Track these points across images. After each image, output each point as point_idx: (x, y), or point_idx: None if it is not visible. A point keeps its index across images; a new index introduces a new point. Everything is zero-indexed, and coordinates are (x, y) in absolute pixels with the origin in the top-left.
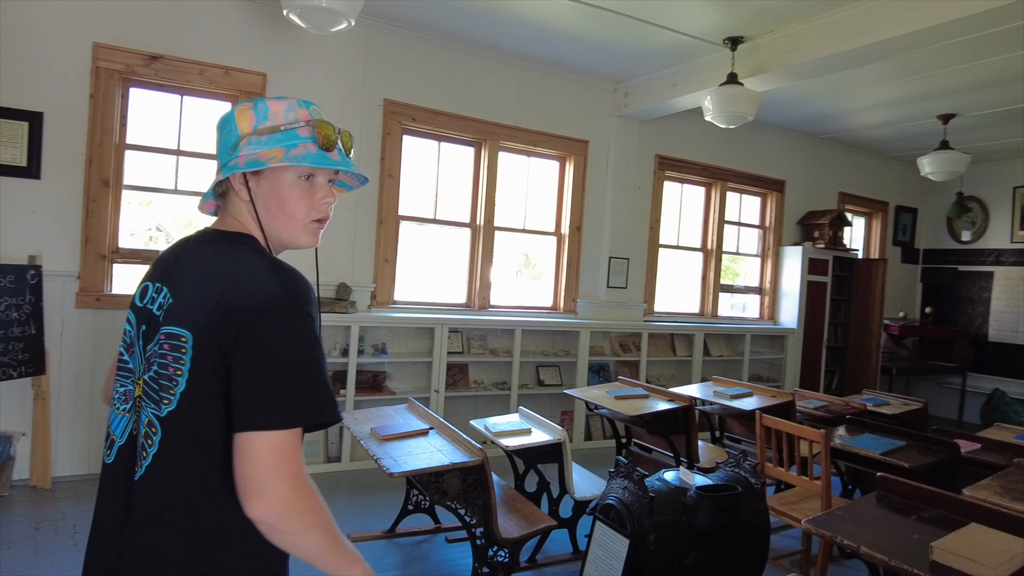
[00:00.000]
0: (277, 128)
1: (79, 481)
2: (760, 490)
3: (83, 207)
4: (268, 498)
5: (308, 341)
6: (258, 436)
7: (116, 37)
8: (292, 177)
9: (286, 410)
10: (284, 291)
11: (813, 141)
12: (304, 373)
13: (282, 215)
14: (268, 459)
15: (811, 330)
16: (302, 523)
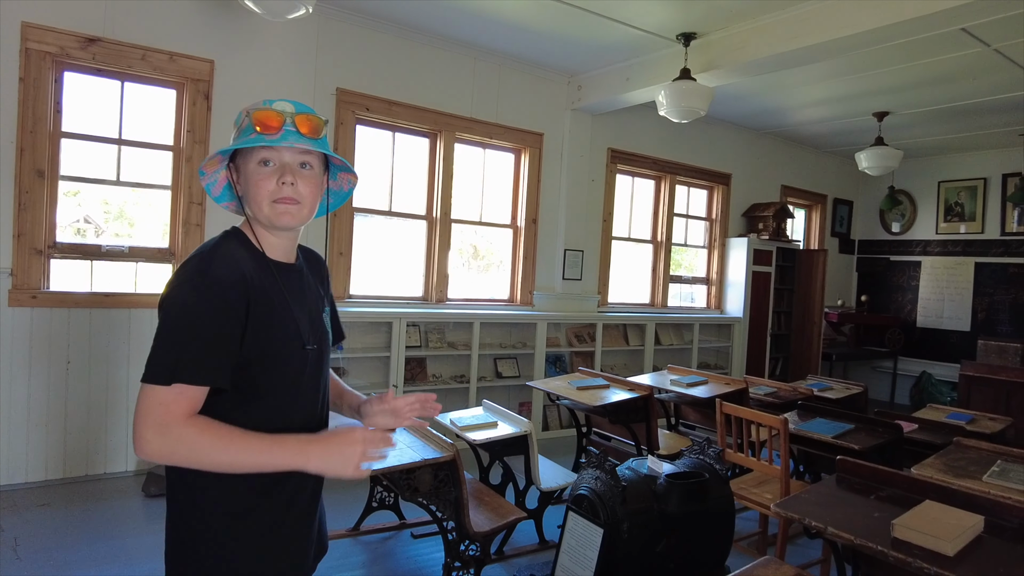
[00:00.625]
0: (242, 125)
1: (19, 490)
2: (725, 476)
3: (15, 199)
4: (137, 443)
5: (188, 310)
6: (141, 389)
7: (48, 17)
8: (252, 165)
9: (153, 368)
10: (186, 269)
11: (757, 136)
12: (175, 338)
13: (251, 199)
14: (139, 408)
15: (756, 319)
16: (180, 457)
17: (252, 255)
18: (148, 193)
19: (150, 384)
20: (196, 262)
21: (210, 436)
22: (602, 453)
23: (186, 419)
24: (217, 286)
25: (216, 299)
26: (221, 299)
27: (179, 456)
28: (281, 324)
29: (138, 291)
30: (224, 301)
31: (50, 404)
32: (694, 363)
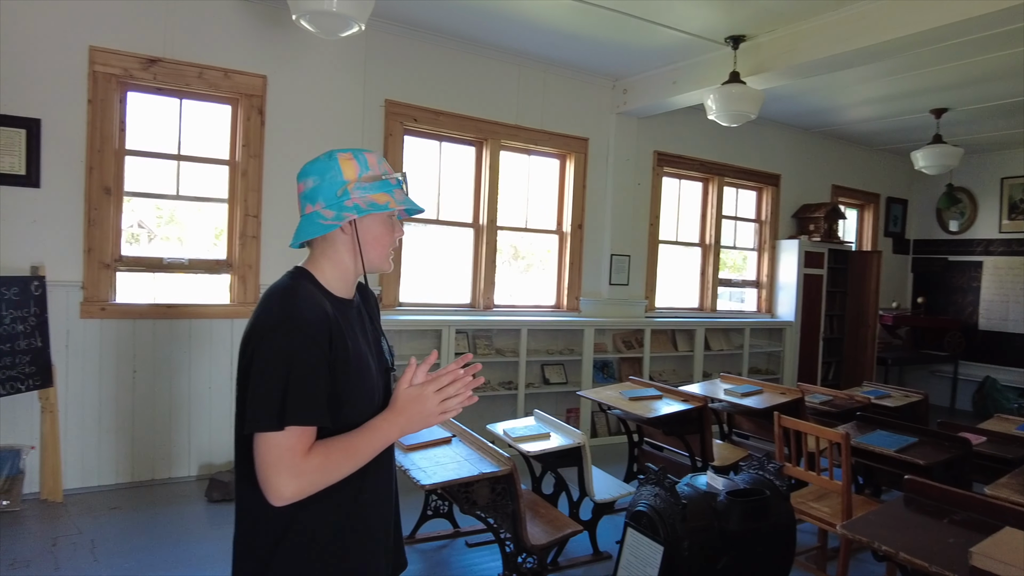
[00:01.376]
0: (377, 177)
1: (92, 494)
2: (785, 492)
3: (85, 215)
4: (270, 493)
5: (288, 357)
6: (256, 438)
7: (113, 40)
8: (383, 217)
9: (266, 415)
10: (281, 314)
11: (807, 135)
12: (282, 384)
13: (376, 247)
14: (265, 459)
15: (808, 322)
16: (318, 485)
17: (323, 294)
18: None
19: (268, 432)
20: (281, 305)
21: (332, 457)
22: (661, 470)
23: (309, 454)
24: (309, 328)
25: (309, 341)
26: (313, 341)
27: (314, 487)
28: (356, 355)
29: (197, 302)
30: (315, 343)
31: (118, 411)
32: (744, 368)
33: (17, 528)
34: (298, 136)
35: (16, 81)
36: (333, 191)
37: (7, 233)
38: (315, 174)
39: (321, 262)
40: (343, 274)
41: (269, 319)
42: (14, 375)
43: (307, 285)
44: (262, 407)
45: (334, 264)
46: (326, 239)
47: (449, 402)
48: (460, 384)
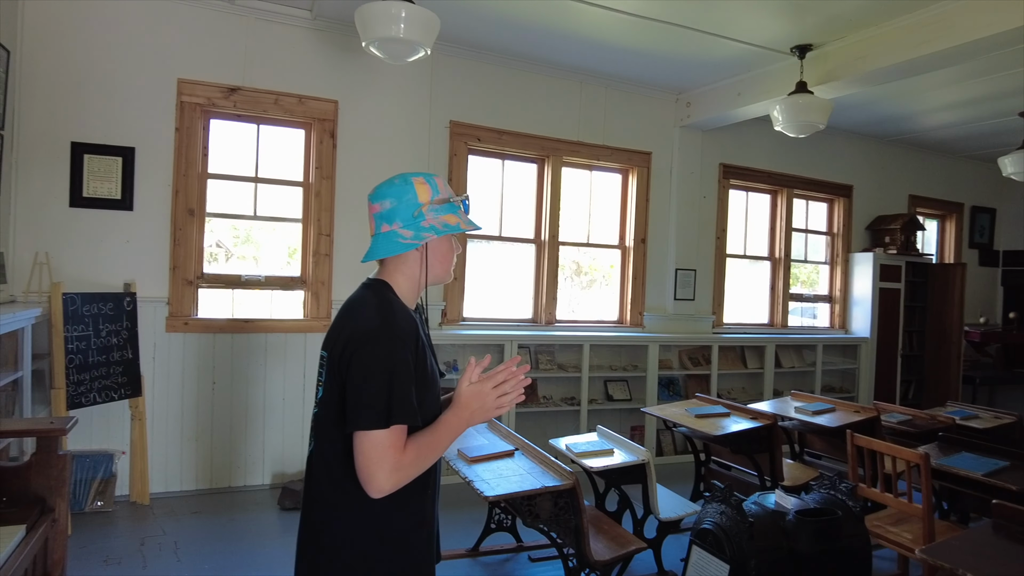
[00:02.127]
0: (446, 200)
1: (175, 498)
2: (859, 514)
3: (171, 235)
4: (372, 486)
5: (390, 362)
6: (360, 435)
7: (198, 72)
8: (448, 236)
9: (372, 412)
10: (380, 323)
11: (880, 144)
12: (381, 385)
13: (443, 262)
14: (366, 455)
15: (885, 339)
16: (411, 477)
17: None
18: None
19: (372, 430)
20: (380, 318)
21: (422, 451)
22: (727, 487)
23: (405, 450)
24: (405, 336)
25: (407, 351)
26: (410, 349)
27: (408, 479)
28: (427, 359)
29: (273, 317)
30: (411, 351)
31: (199, 420)
32: (817, 386)
33: (109, 528)
34: (367, 158)
35: (114, 114)
36: (410, 212)
37: (104, 253)
38: (392, 196)
39: (395, 276)
40: (413, 286)
41: (369, 327)
42: (108, 384)
43: (396, 298)
44: (369, 408)
45: (407, 278)
46: (401, 256)
47: (505, 397)
48: (514, 381)
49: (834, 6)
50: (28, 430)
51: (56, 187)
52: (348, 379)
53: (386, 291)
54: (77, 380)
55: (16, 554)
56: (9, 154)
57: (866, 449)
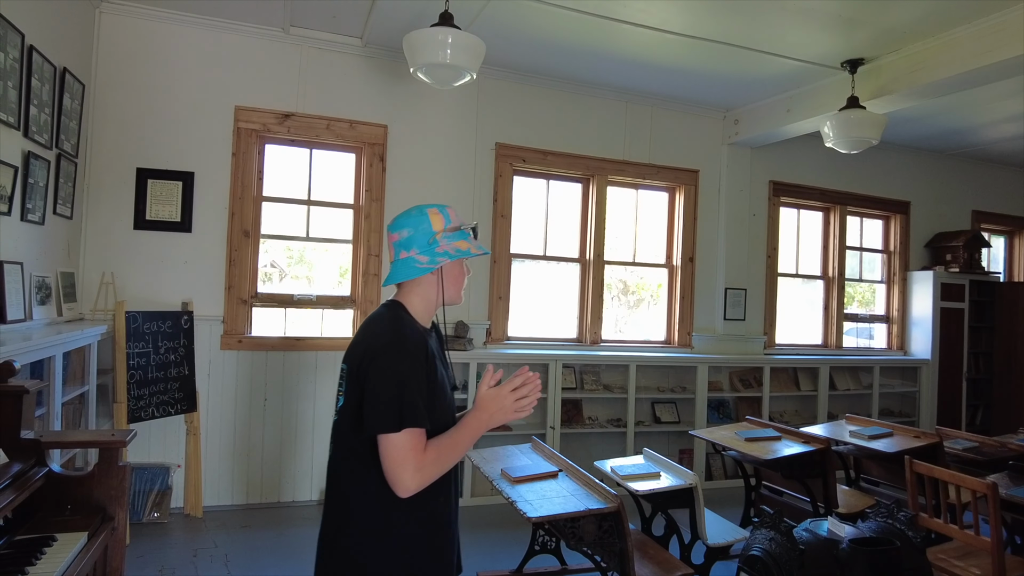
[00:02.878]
0: (457, 228)
1: (226, 511)
2: (920, 545)
3: (227, 256)
4: (399, 486)
5: (401, 372)
6: (385, 438)
7: (254, 99)
8: (459, 261)
9: (389, 417)
10: (392, 338)
11: (939, 158)
12: (395, 393)
13: (455, 284)
14: (391, 457)
15: (947, 361)
16: (434, 476)
17: (414, 323)
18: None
19: (387, 433)
20: (391, 331)
21: (442, 452)
22: (777, 512)
23: (426, 451)
24: (417, 352)
25: (417, 363)
26: (419, 362)
27: (432, 478)
28: (438, 371)
29: (324, 335)
30: (420, 363)
31: (250, 436)
32: (875, 410)
33: (164, 539)
34: (415, 180)
35: (176, 140)
36: (425, 240)
37: (164, 273)
38: (409, 226)
39: (411, 297)
40: (428, 307)
41: (383, 342)
42: (166, 400)
43: (408, 315)
44: (384, 413)
45: (422, 299)
46: (417, 279)
47: (522, 401)
48: (531, 386)
49: (887, 19)
50: (91, 441)
51: (122, 211)
52: (365, 388)
53: (399, 310)
54: (137, 395)
55: (79, 559)
56: (81, 180)
57: (927, 477)
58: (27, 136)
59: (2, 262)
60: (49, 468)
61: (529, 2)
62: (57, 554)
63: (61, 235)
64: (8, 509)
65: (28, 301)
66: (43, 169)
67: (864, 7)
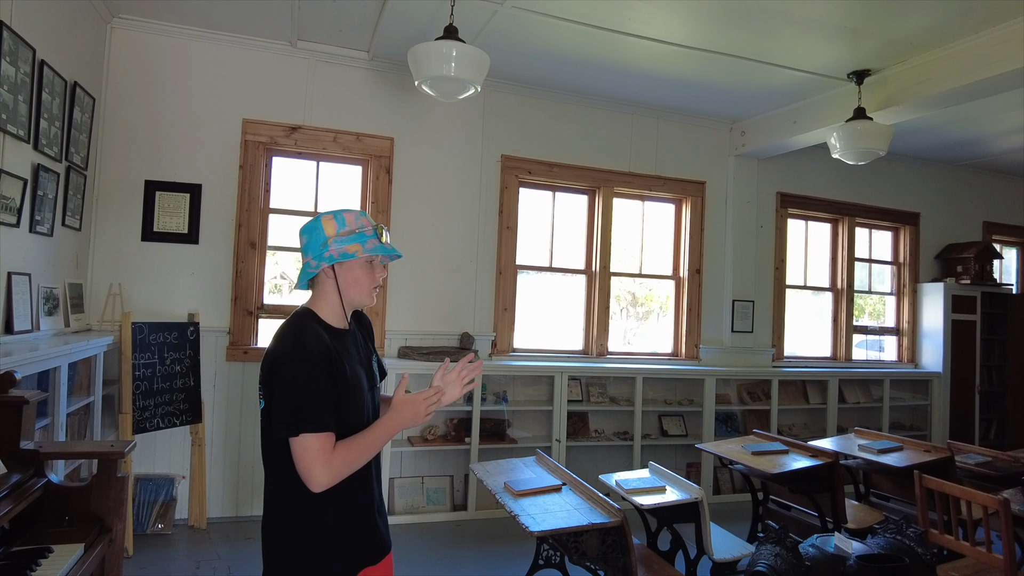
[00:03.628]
0: (352, 231)
1: (229, 523)
2: (930, 562)
3: (233, 268)
4: (311, 483)
5: (301, 380)
6: (294, 441)
7: (262, 112)
8: (362, 263)
9: (293, 423)
10: (291, 347)
11: (949, 169)
12: (297, 399)
13: (356, 287)
14: (299, 459)
15: (960, 374)
16: (345, 472)
17: (323, 327)
18: None
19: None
20: (292, 340)
21: (352, 451)
22: (782, 528)
23: (336, 450)
24: (315, 359)
25: (316, 368)
26: (318, 367)
27: (343, 474)
28: (351, 374)
29: None
30: (320, 369)
31: (255, 448)
32: (885, 424)
33: (168, 550)
34: (421, 192)
35: (184, 153)
36: (317, 245)
37: (171, 284)
38: (306, 233)
39: (318, 301)
40: (334, 309)
41: (283, 351)
42: (171, 411)
43: (310, 322)
44: (287, 420)
45: (327, 302)
46: (320, 282)
47: (433, 407)
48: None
49: (893, 30)
50: (89, 452)
51: (130, 222)
52: (272, 395)
53: (305, 317)
54: (142, 406)
55: (74, 571)
56: (91, 193)
57: (937, 492)
58: (37, 149)
59: (10, 273)
60: (48, 479)
61: (534, 15)
62: (53, 565)
63: (69, 246)
64: (5, 520)
65: (35, 312)
66: (52, 181)
67: (870, 18)
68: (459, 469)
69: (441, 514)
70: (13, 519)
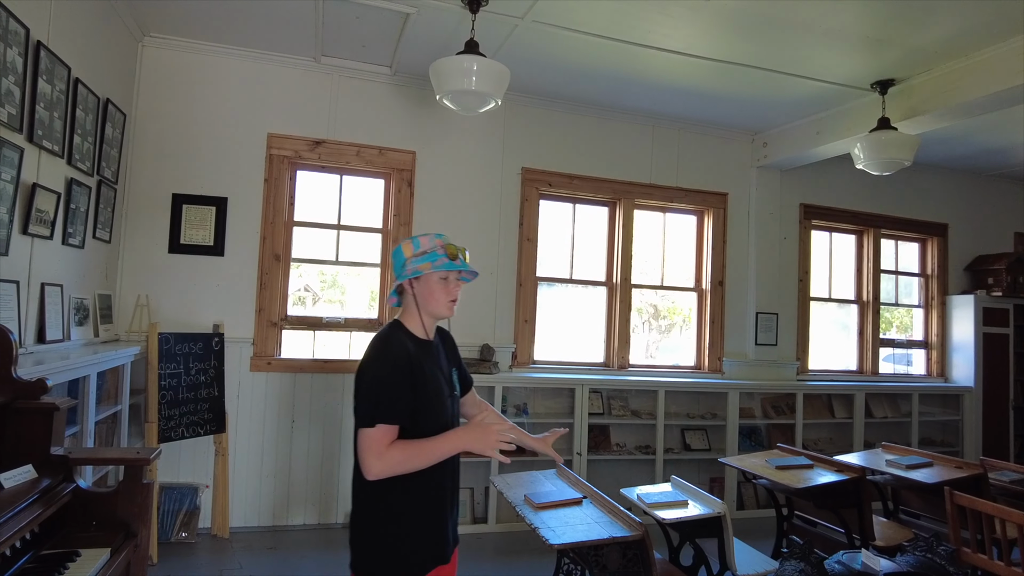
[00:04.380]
0: (425, 252)
1: (253, 533)
2: None
3: (258, 279)
4: (365, 470)
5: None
6: (358, 432)
7: (287, 127)
8: (436, 279)
9: (362, 415)
10: (377, 351)
11: (978, 179)
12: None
13: (431, 300)
14: (360, 446)
15: (992, 388)
16: (398, 468)
17: (409, 338)
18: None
19: (364, 428)
20: (379, 345)
21: (408, 451)
22: (807, 543)
23: (390, 445)
24: (397, 362)
25: (396, 370)
26: (398, 369)
27: (395, 468)
28: (431, 380)
29: (352, 357)
30: (400, 371)
31: (277, 458)
32: (914, 439)
33: (191, 559)
34: (442, 204)
35: (210, 167)
36: (399, 265)
37: (196, 295)
38: (393, 256)
39: (404, 314)
40: (416, 320)
41: (370, 355)
42: (196, 420)
43: (397, 332)
44: (362, 413)
45: (410, 314)
46: (406, 298)
47: (502, 443)
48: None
49: (917, 39)
50: (117, 458)
51: (157, 235)
52: (357, 394)
53: (393, 327)
54: (168, 415)
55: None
56: (120, 206)
57: (969, 509)
58: (70, 164)
59: (43, 284)
60: (76, 484)
61: (554, 29)
62: (80, 569)
63: (100, 258)
64: (35, 523)
65: (67, 322)
66: (84, 195)
67: (893, 28)
68: (479, 481)
69: (461, 526)
70: (43, 523)
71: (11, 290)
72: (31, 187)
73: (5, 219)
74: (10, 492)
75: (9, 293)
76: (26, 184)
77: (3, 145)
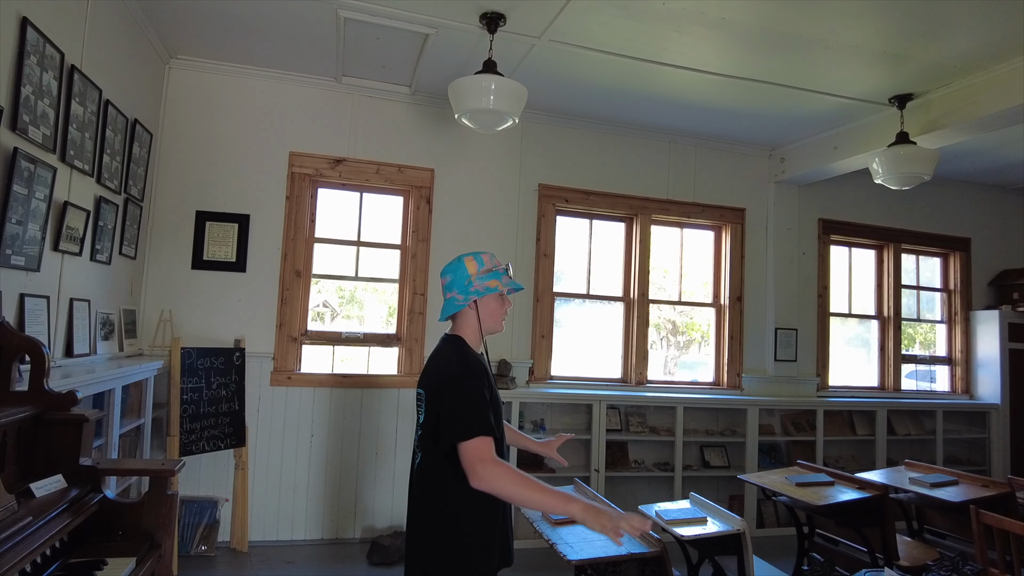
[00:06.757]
0: (490, 269)
1: (271, 547)
2: None
3: (279, 295)
4: (474, 477)
5: (470, 394)
6: (462, 444)
7: (308, 145)
8: (497, 296)
9: (465, 429)
10: (460, 366)
11: (1001, 193)
12: (467, 409)
13: (492, 317)
14: (469, 456)
15: (1020, 405)
16: (499, 483)
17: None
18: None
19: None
20: (460, 361)
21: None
22: (828, 561)
23: (496, 458)
24: (480, 375)
25: (481, 383)
26: (482, 383)
27: (498, 479)
28: (496, 393)
29: (370, 372)
30: (483, 383)
31: (296, 472)
32: (939, 456)
33: (210, 572)
34: (460, 221)
35: (233, 185)
36: (462, 282)
37: (218, 311)
38: (451, 272)
39: (464, 329)
40: (475, 336)
41: (453, 371)
42: (216, 434)
43: (466, 346)
44: (459, 427)
45: (471, 329)
46: (463, 314)
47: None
48: (642, 528)
49: (934, 54)
50: (142, 469)
51: (181, 251)
52: (443, 408)
53: (459, 343)
54: (189, 429)
55: None
56: (145, 223)
57: (997, 529)
58: (99, 182)
59: (72, 299)
60: (103, 494)
61: (570, 48)
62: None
63: (125, 274)
64: (64, 532)
65: (93, 336)
66: (112, 212)
67: (910, 43)
68: None
69: None
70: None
71: (42, 305)
72: (63, 205)
73: (38, 236)
74: (41, 501)
75: (40, 308)
76: (58, 202)
77: (37, 165)
